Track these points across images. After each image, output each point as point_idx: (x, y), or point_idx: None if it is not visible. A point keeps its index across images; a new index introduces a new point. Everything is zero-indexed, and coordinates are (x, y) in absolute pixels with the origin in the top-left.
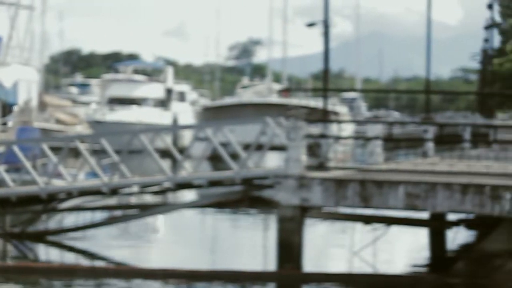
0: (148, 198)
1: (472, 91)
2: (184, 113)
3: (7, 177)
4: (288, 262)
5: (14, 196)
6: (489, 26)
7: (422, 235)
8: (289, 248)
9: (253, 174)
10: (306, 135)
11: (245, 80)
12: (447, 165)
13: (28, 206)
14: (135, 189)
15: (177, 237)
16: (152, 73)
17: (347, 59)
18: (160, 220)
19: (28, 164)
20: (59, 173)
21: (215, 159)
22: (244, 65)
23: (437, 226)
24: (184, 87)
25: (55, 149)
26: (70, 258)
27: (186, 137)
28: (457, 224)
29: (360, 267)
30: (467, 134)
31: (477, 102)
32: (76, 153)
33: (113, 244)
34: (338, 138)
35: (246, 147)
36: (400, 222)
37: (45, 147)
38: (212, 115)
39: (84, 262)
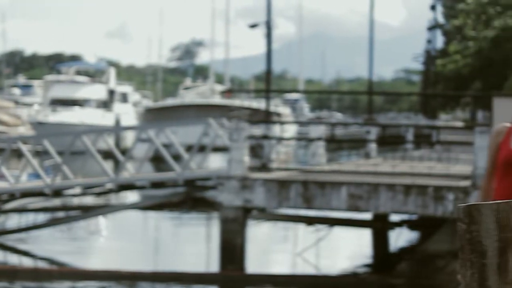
0: (91, 200)
1: (415, 92)
2: (127, 114)
3: None
4: (231, 263)
5: None
6: (432, 27)
7: (365, 236)
8: (232, 249)
9: (196, 175)
10: (249, 136)
11: (188, 81)
12: (390, 166)
13: None
14: (77, 190)
15: (120, 239)
16: (95, 74)
17: (289, 60)
18: (103, 222)
19: None
20: (1, 174)
21: (157, 161)
22: (186, 66)
23: (380, 227)
24: (126, 88)
25: None
26: (12, 260)
27: (129, 138)
28: (400, 225)
29: (303, 268)
30: (409, 135)
31: (420, 103)
32: (18, 154)
33: (56, 246)
34: (280, 139)
35: (189, 148)
36: (343, 223)
37: None
38: (154, 116)
39: (27, 263)
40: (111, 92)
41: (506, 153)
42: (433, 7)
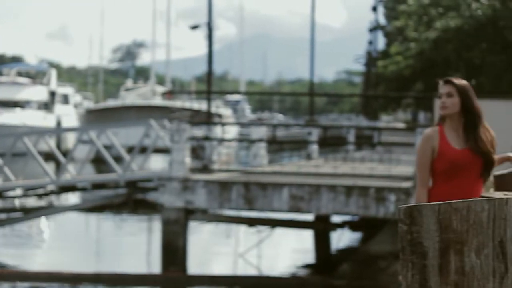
0: (32, 201)
1: (356, 94)
2: (68, 115)
3: None
4: (173, 264)
5: None
6: (374, 29)
7: (306, 237)
8: (174, 250)
9: (137, 176)
10: (190, 137)
11: (129, 83)
12: (332, 167)
13: None
14: (19, 192)
15: (61, 240)
16: (36, 76)
17: (231, 61)
18: (44, 223)
19: None
20: None
21: (98, 162)
22: (128, 68)
23: (321, 228)
24: (67, 89)
25: None
26: None
27: (70, 139)
28: (341, 226)
29: (245, 269)
30: (351, 136)
31: (361, 104)
32: None
33: None
34: (222, 140)
35: (130, 149)
36: (284, 224)
37: None
38: (95, 117)
39: None
40: (52, 94)
41: (451, 154)
42: (374, 9)
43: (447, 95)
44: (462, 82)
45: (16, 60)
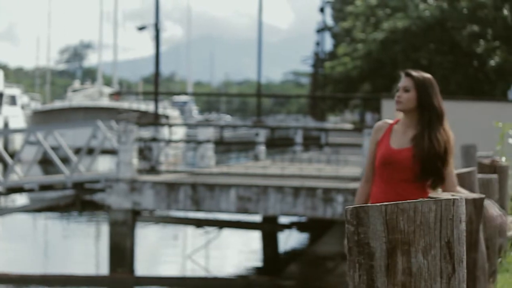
0: None
1: (304, 94)
2: (15, 117)
3: None
4: (120, 266)
5: None
6: (321, 30)
7: (254, 238)
8: (121, 252)
9: (84, 178)
10: (137, 138)
11: (76, 84)
12: (279, 168)
13: None
14: None
15: (8, 241)
16: None
17: (178, 62)
18: None
19: None
20: None
21: (46, 163)
22: (75, 69)
23: (269, 229)
24: (15, 90)
25: None
26: None
27: (17, 141)
28: (289, 227)
29: (193, 270)
30: (298, 137)
31: (308, 105)
32: None
33: None
34: (169, 141)
35: (77, 151)
36: (232, 225)
37: None
38: (42, 119)
39: None
40: None
41: (384, 151)
42: (321, 10)
43: (404, 89)
44: (422, 75)
45: None
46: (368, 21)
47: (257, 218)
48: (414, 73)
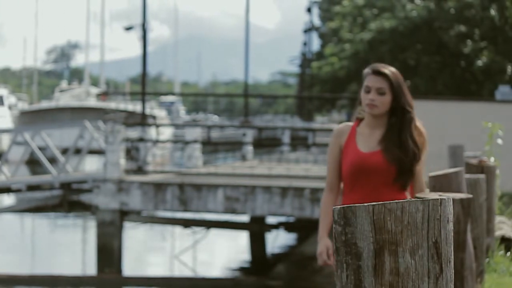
0: None
1: (291, 95)
2: (3, 117)
3: None
4: (108, 266)
5: None
6: (308, 30)
7: (242, 238)
8: (109, 252)
9: (72, 178)
10: (124, 139)
11: (64, 84)
12: (266, 168)
13: None
14: None
15: None
16: None
17: (165, 63)
18: None
19: None
20: None
21: (33, 163)
22: (62, 69)
23: (257, 229)
24: (2, 91)
25: None
26: None
27: (4, 141)
28: (277, 227)
29: (180, 270)
30: (286, 137)
31: (296, 106)
32: None
33: None
34: (156, 141)
35: (64, 151)
36: (219, 226)
37: None
38: (29, 119)
39: None
40: None
41: (353, 157)
42: (309, 10)
43: (378, 91)
44: (395, 74)
45: None
46: (355, 21)
47: (244, 218)
48: (387, 71)
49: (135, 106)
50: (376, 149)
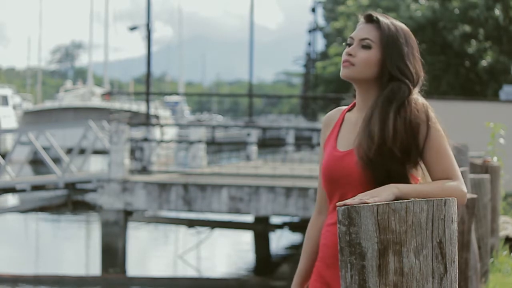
0: None
1: (295, 95)
2: (7, 117)
3: None
4: (112, 266)
5: None
6: (313, 30)
7: (246, 239)
8: (113, 252)
9: (76, 178)
10: (129, 139)
11: (68, 84)
12: (271, 168)
13: None
14: None
15: (0, 242)
16: None
17: (169, 63)
18: None
19: None
20: None
21: (37, 163)
22: (66, 69)
23: (261, 229)
24: (6, 91)
25: None
26: None
27: (8, 141)
28: (281, 227)
29: (184, 270)
30: (290, 137)
31: (300, 106)
32: None
33: None
34: (161, 141)
35: (69, 151)
36: (224, 226)
37: None
38: (34, 119)
39: None
40: None
41: (326, 159)
42: (313, 10)
43: (361, 43)
44: (394, 26)
45: None
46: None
47: (249, 218)
48: (382, 18)
49: (139, 106)
50: (352, 145)
